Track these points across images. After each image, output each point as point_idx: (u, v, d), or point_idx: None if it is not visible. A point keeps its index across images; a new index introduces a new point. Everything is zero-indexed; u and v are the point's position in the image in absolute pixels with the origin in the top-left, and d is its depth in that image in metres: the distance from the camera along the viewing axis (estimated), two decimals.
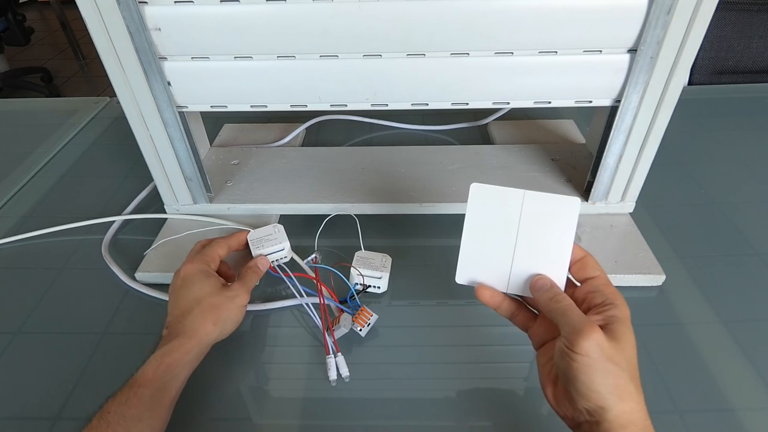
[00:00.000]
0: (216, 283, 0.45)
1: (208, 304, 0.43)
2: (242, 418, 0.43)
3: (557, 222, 0.37)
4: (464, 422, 0.43)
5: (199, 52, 0.48)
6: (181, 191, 0.59)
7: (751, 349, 0.47)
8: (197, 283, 0.45)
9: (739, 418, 0.42)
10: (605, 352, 0.31)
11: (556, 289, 0.36)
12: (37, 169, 0.74)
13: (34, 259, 0.59)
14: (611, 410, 0.31)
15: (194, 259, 0.47)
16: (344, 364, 0.45)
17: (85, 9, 0.45)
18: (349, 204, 0.61)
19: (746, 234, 0.59)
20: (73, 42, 2.90)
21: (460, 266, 0.39)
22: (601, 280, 0.37)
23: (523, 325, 0.40)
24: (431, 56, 0.48)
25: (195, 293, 0.44)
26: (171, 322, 0.43)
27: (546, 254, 0.37)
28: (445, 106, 0.52)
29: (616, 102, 0.51)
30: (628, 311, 0.34)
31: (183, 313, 0.43)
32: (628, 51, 0.47)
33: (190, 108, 0.52)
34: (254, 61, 0.48)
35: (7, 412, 0.44)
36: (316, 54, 0.48)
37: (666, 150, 0.55)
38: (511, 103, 0.52)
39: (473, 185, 0.38)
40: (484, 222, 0.38)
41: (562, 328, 0.34)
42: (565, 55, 0.47)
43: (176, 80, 0.50)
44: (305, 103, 0.51)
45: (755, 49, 1.07)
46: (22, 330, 0.51)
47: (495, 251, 0.38)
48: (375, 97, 0.51)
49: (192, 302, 0.43)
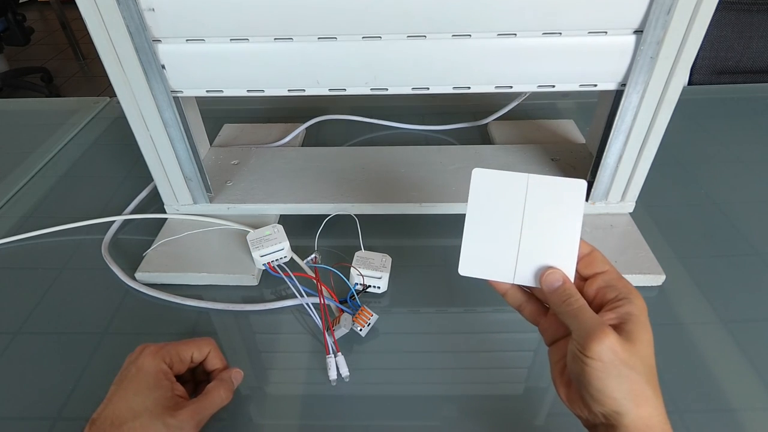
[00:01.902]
0: (163, 400, 0.37)
1: (140, 425, 0.35)
2: (242, 418, 0.43)
3: (564, 206, 0.35)
4: (465, 422, 0.43)
5: (193, 34, 0.47)
6: (181, 191, 0.59)
7: (751, 349, 0.47)
8: (142, 392, 0.37)
9: (739, 418, 0.42)
10: (619, 355, 0.30)
11: (569, 287, 0.34)
12: (37, 169, 0.74)
13: (34, 259, 0.59)
14: (627, 416, 0.30)
15: (160, 351, 0.39)
16: (344, 364, 0.45)
17: (85, 9, 0.45)
18: (349, 204, 0.61)
19: (746, 234, 0.59)
20: (73, 42, 2.90)
21: (462, 257, 0.37)
22: (612, 274, 0.35)
23: (533, 318, 0.37)
24: (432, 38, 0.46)
25: (133, 405, 0.36)
26: (99, 418, 0.36)
27: (553, 241, 0.35)
28: (447, 91, 0.50)
29: (621, 86, 0.49)
30: (644, 305, 0.33)
31: (115, 420, 0.35)
32: (634, 32, 0.46)
33: (185, 93, 0.51)
34: (250, 44, 0.47)
35: (7, 412, 0.44)
36: (314, 36, 0.46)
37: (666, 150, 0.55)
38: (514, 87, 0.50)
39: (475, 170, 0.36)
40: (488, 209, 0.36)
41: (573, 331, 0.32)
42: (569, 36, 0.46)
43: (171, 64, 0.48)
44: (303, 87, 0.50)
45: (755, 49, 1.07)
46: (22, 330, 0.51)
47: (499, 240, 0.36)
48: (375, 80, 0.49)
49: (127, 412, 0.36)
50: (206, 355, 0.42)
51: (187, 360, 0.41)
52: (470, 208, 0.37)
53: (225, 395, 0.40)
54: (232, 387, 0.41)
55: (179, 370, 0.41)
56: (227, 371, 0.42)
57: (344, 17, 0.45)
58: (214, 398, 0.39)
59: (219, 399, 0.40)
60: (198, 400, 0.39)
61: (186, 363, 0.41)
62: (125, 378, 0.38)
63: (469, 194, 0.36)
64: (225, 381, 0.41)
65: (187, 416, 0.37)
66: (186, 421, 0.37)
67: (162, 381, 0.38)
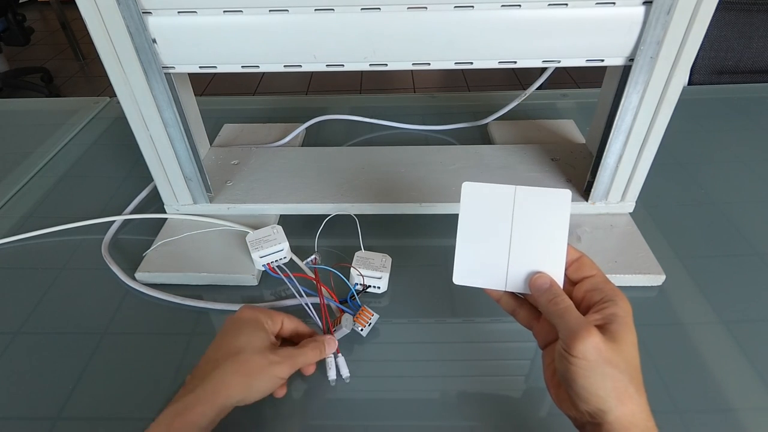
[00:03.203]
0: (263, 339, 0.40)
1: (243, 361, 0.38)
2: (242, 418, 0.43)
3: (550, 215, 0.37)
4: (465, 422, 0.43)
5: (185, 5, 0.45)
6: (181, 191, 0.59)
7: (751, 349, 0.47)
8: (244, 332, 0.40)
9: (739, 418, 0.42)
10: (603, 354, 0.31)
11: (556, 289, 0.36)
12: (37, 169, 0.74)
13: (34, 259, 0.59)
14: (611, 413, 0.31)
15: (257, 308, 0.43)
16: (344, 364, 0.45)
17: (85, 9, 0.45)
18: (349, 204, 0.61)
19: (746, 234, 0.59)
20: (73, 42, 2.90)
21: (456, 267, 0.39)
22: (599, 278, 0.36)
23: (527, 322, 0.39)
24: (433, 9, 0.45)
25: (236, 343, 0.39)
26: (199, 368, 0.39)
27: (542, 249, 0.37)
28: (448, 66, 0.48)
29: (629, 60, 0.48)
30: (629, 307, 0.34)
31: (214, 362, 0.38)
32: (643, 2, 0.45)
33: (177, 69, 0.50)
34: (244, 16, 0.46)
35: (7, 412, 0.44)
36: (311, 7, 0.45)
37: (666, 150, 0.55)
38: (519, 62, 0.48)
39: (465, 184, 0.38)
40: (478, 220, 0.38)
41: (559, 330, 0.33)
42: (576, 7, 0.45)
43: (162, 37, 0.47)
44: (300, 62, 0.48)
45: (755, 49, 1.07)
46: (22, 330, 0.51)
47: (491, 249, 0.38)
48: (374, 55, 0.48)
49: (227, 353, 0.38)
50: (295, 329, 0.45)
51: (278, 323, 0.43)
52: (462, 220, 0.38)
53: (313, 354, 0.43)
54: (323, 348, 0.43)
55: (273, 331, 0.43)
56: (321, 336, 0.45)
57: None
58: (307, 352, 0.42)
59: (312, 353, 0.42)
60: (293, 349, 0.42)
61: (277, 325, 0.43)
62: (224, 330, 0.41)
63: (460, 207, 0.38)
64: (318, 342, 0.44)
65: (286, 354, 0.40)
66: (286, 357, 0.40)
67: (262, 326, 0.41)
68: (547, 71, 0.67)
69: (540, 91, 0.83)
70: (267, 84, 2.66)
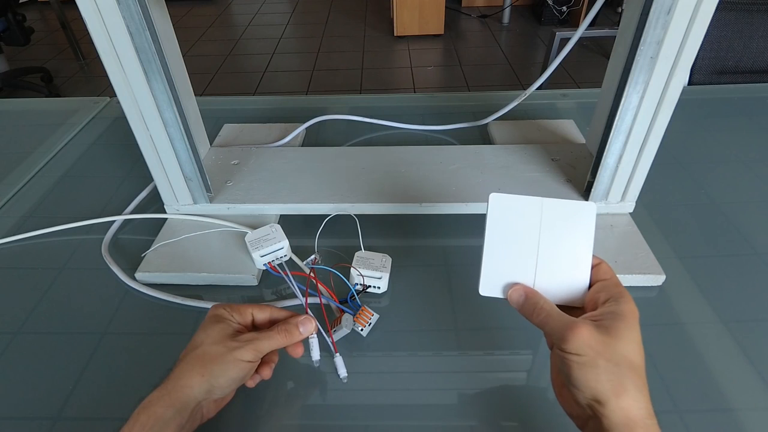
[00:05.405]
0: (223, 329, 0.40)
1: (202, 352, 0.38)
2: (242, 418, 0.43)
3: (576, 227, 0.38)
4: (465, 422, 0.43)
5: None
6: (181, 191, 0.59)
7: (751, 349, 0.47)
8: (205, 328, 0.40)
9: (739, 418, 0.42)
10: (594, 347, 0.32)
11: (533, 299, 0.37)
12: (37, 169, 0.74)
13: (34, 259, 0.59)
14: (607, 405, 0.31)
15: (221, 304, 0.43)
16: (342, 364, 0.45)
17: (85, 9, 0.45)
18: (349, 204, 0.61)
19: (746, 234, 0.59)
20: (73, 42, 2.90)
21: (483, 279, 0.39)
22: (611, 281, 0.37)
23: None
24: None
25: (197, 339, 0.40)
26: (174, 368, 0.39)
27: (568, 260, 0.38)
28: None
29: None
30: (634, 308, 0.34)
31: (179, 362, 0.39)
32: None
33: None
34: None
35: (7, 412, 0.44)
36: None
37: (666, 150, 0.55)
38: None
39: (492, 195, 0.38)
40: (505, 232, 0.38)
41: (550, 336, 0.35)
42: None
43: None
44: None
45: (755, 49, 1.07)
46: (22, 330, 0.51)
47: (518, 261, 0.38)
48: None
49: (189, 350, 0.39)
50: (269, 317, 0.44)
51: (247, 315, 0.43)
52: (488, 232, 0.39)
53: (281, 336, 0.41)
54: (294, 331, 0.42)
55: (240, 321, 0.42)
56: (294, 317, 0.43)
57: None
58: (273, 335, 0.41)
59: (279, 336, 0.41)
60: (256, 333, 0.41)
61: (247, 317, 0.42)
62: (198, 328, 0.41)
63: (487, 218, 0.39)
64: (289, 323, 0.42)
65: (247, 338, 0.39)
66: (247, 341, 0.39)
67: (221, 318, 0.41)
68: (547, 71, 0.67)
69: (540, 91, 0.83)
70: (267, 84, 2.66)
